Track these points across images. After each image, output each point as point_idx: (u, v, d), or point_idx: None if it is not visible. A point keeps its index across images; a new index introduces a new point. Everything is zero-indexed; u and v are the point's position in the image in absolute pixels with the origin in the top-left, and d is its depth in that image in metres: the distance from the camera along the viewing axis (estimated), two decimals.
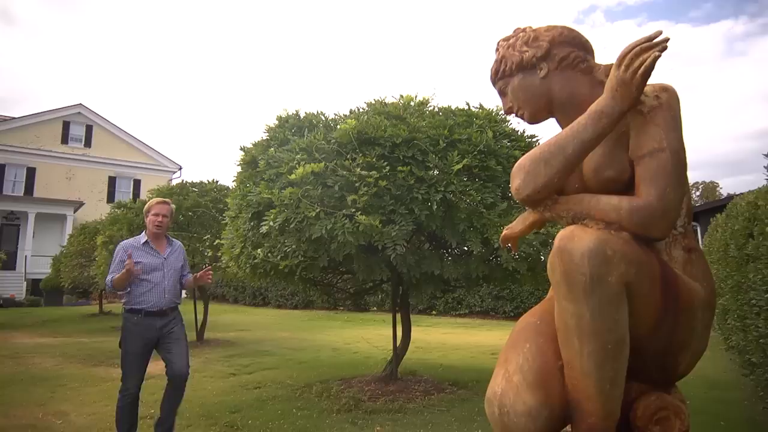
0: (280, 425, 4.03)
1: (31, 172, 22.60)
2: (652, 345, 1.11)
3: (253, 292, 18.67)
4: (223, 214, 5.38)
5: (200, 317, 8.83)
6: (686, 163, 1.13)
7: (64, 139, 23.48)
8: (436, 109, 4.67)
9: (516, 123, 4.77)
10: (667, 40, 1.05)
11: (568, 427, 1.14)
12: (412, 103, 4.57)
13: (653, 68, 1.04)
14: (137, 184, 24.52)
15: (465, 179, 4.02)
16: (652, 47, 1.05)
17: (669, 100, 1.13)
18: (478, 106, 4.71)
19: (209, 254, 8.07)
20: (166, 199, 3.62)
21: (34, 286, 19.92)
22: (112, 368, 6.40)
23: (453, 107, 4.73)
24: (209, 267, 3.57)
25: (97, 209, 20.78)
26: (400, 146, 4.00)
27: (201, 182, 9.07)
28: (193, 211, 8.27)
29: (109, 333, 10.08)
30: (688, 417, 1.15)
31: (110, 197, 23.31)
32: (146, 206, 3.56)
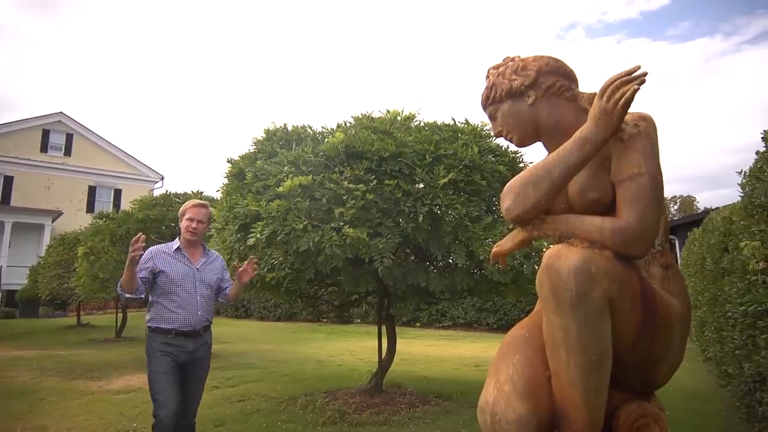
0: None
1: (8, 181, 22.17)
2: (632, 356, 1.19)
3: (235, 304, 18.49)
4: (209, 226, 5.37)
5: None
6: (663, 186, 1.22)
7: (44, 148, 23.11)
8: (422, 124, 4.76)
9: (500, 139, 4.89)
10: (645, 74, 1.14)
11: None
12: (398, 118, 4.66)
13: (633, 100, 1.13)
14: (118, 193, 24.20)
15: (451, 193, 4.10)
16: (631, 80, 1.14)
17: (647, 128, 1.22)
18: (464, 122, 4.82)
19: None
20: (204, 202, 3.12)
21: (9, 297, 19.43)
22: (91, 381, 6.30)
23: (439, 122, 4.83)
24: (254, 257, 3.11)
25: (76, 219, 20.46)
26: (387, 160, 4.07)
27: (185, 193, 9.04)
28: (177, 222, 8.21)
29: (88, 345, 9.91)
30: (667, 424, 1.22)
31: (90, 207, 22.96)
32: (181, 209, 3.09)
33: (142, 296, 2.88)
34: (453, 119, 4.85)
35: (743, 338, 3.11)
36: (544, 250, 4.24)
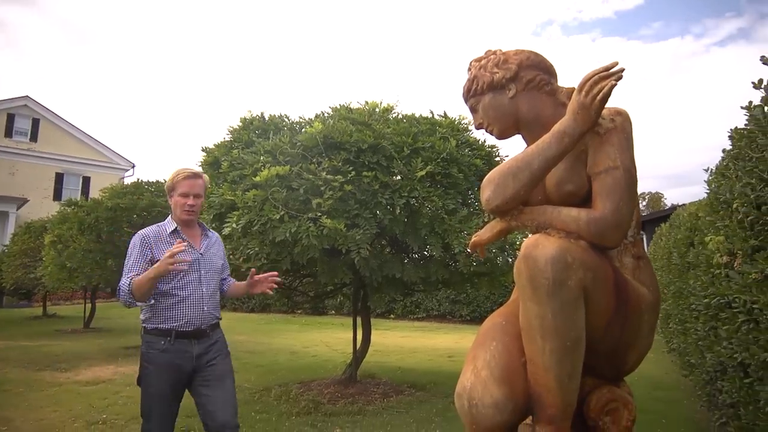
0: None
1: None
2: (604, 343, 1.23)
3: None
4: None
5: None
6: (637, 179, 1.27)
7: (8, 133, 22.25)
8: (401, 116, 4.77)
9: (478, 133, 4.94)
10: (622, 70, 1.17)
11: (529, 419, 1.24)
12: (377, 110, 4.65)
13: (610, 95, 1.16)
14: (86, 181, 23.53)
15: (428, 185, 4.13)
16: (609, 76, 1.18)
17: (623, 123, 1.26)
18: (442, 115, 4.84)
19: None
20: (197, 170, 2.51)
21: None
22: (58, 372, 6.16)
23: (417, 115, 4.85)
24: (274, 274, 2.53)
25: (42, 207, 19.83)
26: (365, 152, 4.07)
27: (157, 181, 8.85)
28: (149, 211, 8.07)
29: (55, 336, 9.66)
30: (635, 408, 1.27)
31: (57, 195, 22.25)
32: (168, 182, 2.47)
33: (152, 301, 2.35)
34: (431, 112, 4.87)
35: (706, 330, 3.23)
36: (518, 244, 4.32)
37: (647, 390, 5.18)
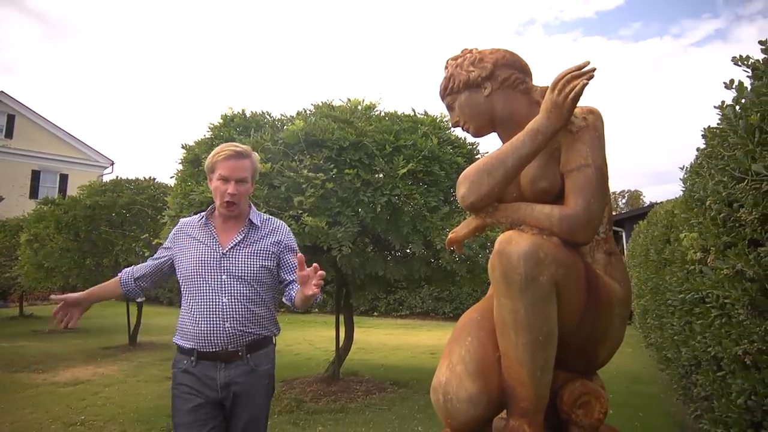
0: None
1: None
2: (576, 337, 1.26)
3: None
4: (162, 213, 5.23)
5: (133, 320, 8.49)
6: (608, 177, 1.30)
7: None
8: (383, 114, 4.78)
9: (459, 130, 4.97)
10: (593, 69, 1.20)
11: (504, 413, 1.26)
12: (359, 107, 4.66)
13: (582, 93, 1.19)
14: (64, 179, 23.07)
15: (410, 183, 4.15)
16: (581, 75, 1.20)
17: (595, 121, 1.29)
18: (423, 113, 4.86)
19: (145, 254, 7.79)
20: (243, 148, 1.95)
21: None
22: (35, 374, 6.05)
23: (399, 113, 4.86)
24: (315, 268, 1.74)
25: (18, 205, 19.37)
26: (347, 149, 4.07)
27: (137, 179, 8.72)
28: (128, 209, 7.96)
29: (32, 337, 9.48)
30: (607, 401, 1.30)
31: (34, 193, 21.78)
32: (208, 161, 1.95)
33: (140, 299, 1.98)
34: (413, 110, 4.89)
35: (681, 324, 3.30)
36: None
37: (625, 384, 5.28)
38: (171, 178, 5.30)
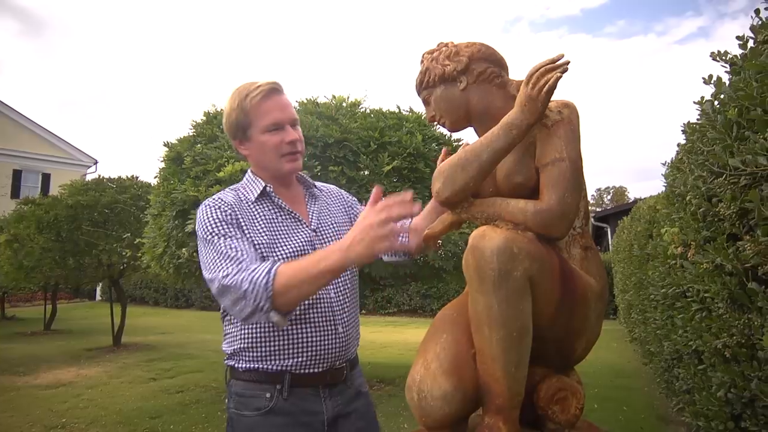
0: (203, 429, 3.95)
1: None
2: (552, 332, 1.25)
3: (175, 294, 17.91)
4: (145, 212, 5.17)
5: (117, 320, 8.39)
6: (583, 170, 1.29)
7: None
8: (368, 111, 4.76)
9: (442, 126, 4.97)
10: (568, 62, 1.19)
11: (480, 410, 1.25)
12: (344, 104, 4.64)
13: (556, 86, 1.18)
14: (46, 178, 22.71)
15: (395, 180, 4.14)
16: (555, 68, 1.19)
17: (570, 115, 1.28)
18: (408, 110, 4.86)
19: (128, 254, 7.70)
20: (273, 81, 1.40)
21: None
22: (16, 376, 5.95)
23: (384, 110, 4.85)
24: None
25: None
26: (332, 146, 4.04)
27: (119, 178, 8.63)
28: (111, 208, 7.86)
29: (13, 339, 9.33)
30: (584, 396, 1.30)
31: (15, 192, 21.41)
32: (235, 114, 1.37)
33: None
34: (398, 107, 4.88)
35: (663, 319, 3.33)
36: None
37: (609, 378, 5.33)
38: (154, 177, 5.24)
